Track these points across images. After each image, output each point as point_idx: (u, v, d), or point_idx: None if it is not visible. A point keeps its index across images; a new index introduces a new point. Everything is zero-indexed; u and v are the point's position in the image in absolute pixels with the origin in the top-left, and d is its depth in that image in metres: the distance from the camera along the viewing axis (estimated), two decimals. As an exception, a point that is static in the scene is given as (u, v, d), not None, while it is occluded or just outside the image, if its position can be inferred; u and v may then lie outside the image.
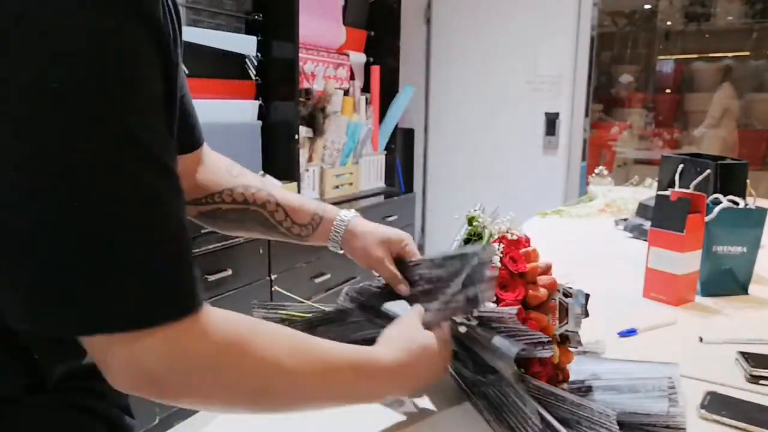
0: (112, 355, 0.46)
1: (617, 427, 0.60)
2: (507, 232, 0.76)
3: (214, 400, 0.51)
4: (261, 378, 0.52)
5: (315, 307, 0.83)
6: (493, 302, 0.71)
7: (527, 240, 0.78)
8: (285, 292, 0.87)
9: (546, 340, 0.65)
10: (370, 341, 0.68)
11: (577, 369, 0.77)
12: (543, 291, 0.72)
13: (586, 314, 0.77)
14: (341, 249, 0.86)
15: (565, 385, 0.74)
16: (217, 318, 0.51)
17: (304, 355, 0.55)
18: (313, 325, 0.79)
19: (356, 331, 0.80)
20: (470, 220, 0.79)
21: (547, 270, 0.76)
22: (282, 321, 0.80)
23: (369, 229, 0.85)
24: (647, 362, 0.82)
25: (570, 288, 0.75)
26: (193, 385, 0.49)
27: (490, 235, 0.75)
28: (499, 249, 0.73)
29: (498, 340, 0.67)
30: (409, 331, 0.68)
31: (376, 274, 0.84)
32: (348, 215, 0.86)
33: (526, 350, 0.65)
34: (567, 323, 0.72)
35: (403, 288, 0.82)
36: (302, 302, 0.83)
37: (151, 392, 0.48)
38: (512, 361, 0.65)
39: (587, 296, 0.77)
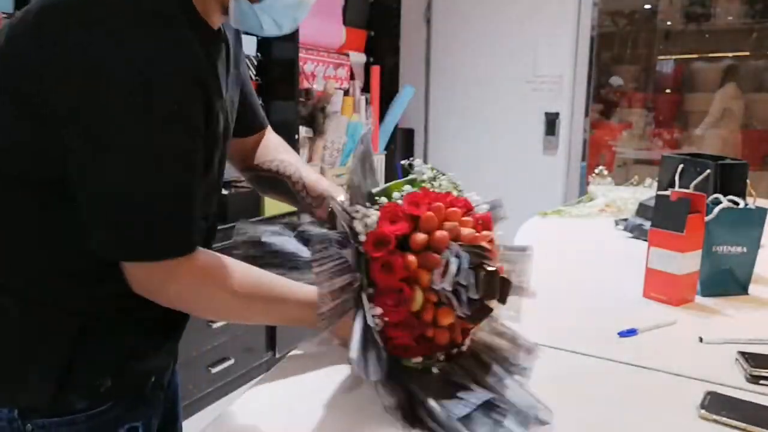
0: (135, 272, 0.73)
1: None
2: (453, 189, 0.77)
3: (192, 310, 0.81)
4: (219, 304, 0.80)
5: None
6: (373, 229, 0.74)
7: (482, 217, 0.78)
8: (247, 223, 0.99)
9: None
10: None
11: (481, 378, 0.75)
12: (421, 236, 0.73)
13: (502, 301, 0.75)
14: (333, 226, 0.97)
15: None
16: (202, 258, 0.76)
17: (257, 291, 0.80)
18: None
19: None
20: (406, 169, 0.83)
21: (470, 237, 0.74)
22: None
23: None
24: (530, 395, 0.74)
25: (472, 258, 0.72)
26: (179, 299, 0.77)
27: (418, 184, 0.79)
28: (409, 190, 0.77)
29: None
30: None
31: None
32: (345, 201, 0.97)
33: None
34: (443, 282, 0.70)
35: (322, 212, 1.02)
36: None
37: (152, 297, 0.75)
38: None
39: (505, 281, 0.74)
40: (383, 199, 0.78)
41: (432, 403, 0.68)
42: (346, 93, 3.19)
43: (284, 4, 0.83)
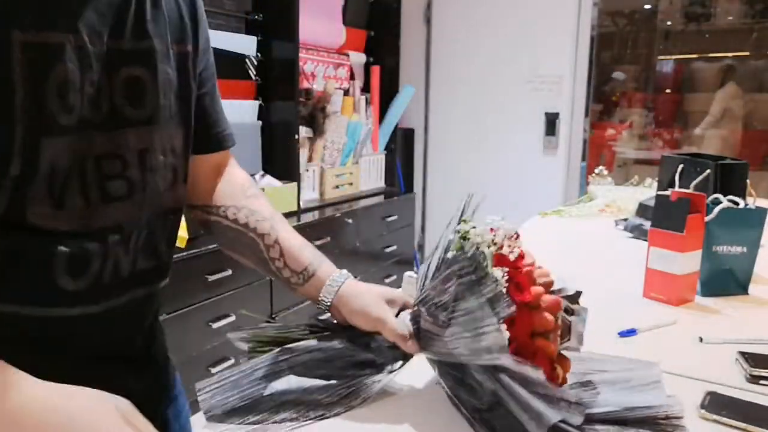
0: None
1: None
2: (503, 246, 0.67)
3: None
4: None
5: (286, 328, 0.79)
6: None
7: (516, 238, 0.71)
8: (249, 314, 0.83)
9: (575, 402, 0.61)
10: (352, 366, 0.71)
11: None
12: (549, 318, 0.66)
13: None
14: (329, 311, 0.78)
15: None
16: None
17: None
18: (292, 353, 0.75)
19: (338, 359, 0.75)
20: (463, 236, 0.69)
21: (548, 287, 0.70)
22: (257, 344, 0.78)
23: (366, 288, 0.78)
24: (623, 358, 0.81)
25: (571, 305, 0.71)
26: None
27: (486, 258, 0.66)
28: (502, 276, 0.65)
29: (531, 400, 0.61)
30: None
31: (379, 337, 0.76)
32: (342, 275, 0.79)
33: (564, 421, 0.60)
34: (569, 340, 0.69)
35: (412, 346, 0.73)
36: (270, 323, 0.81)
37: None
38: (546, 429, 0.59)
39: (578, 294, 0.76)
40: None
41: None
42: (346, 93, 3.19)
43: None
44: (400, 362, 0.75)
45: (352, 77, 3.29)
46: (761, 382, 0.82)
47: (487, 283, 0.64)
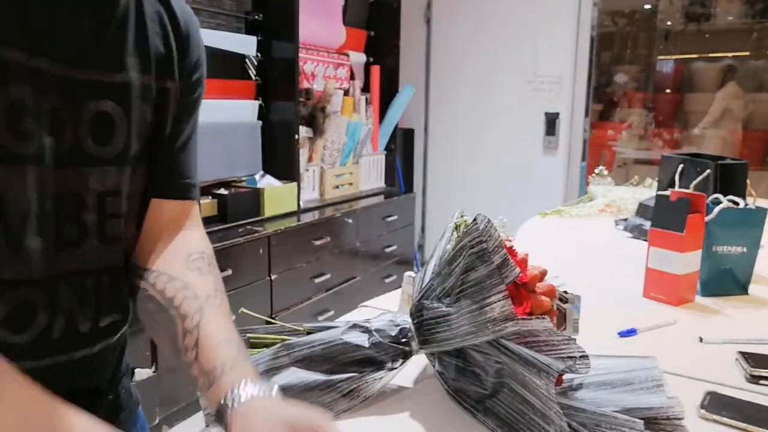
0: None
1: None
2: (506, 239, 0.72)
3: None
4: None
5: (286, 327, 0.79)
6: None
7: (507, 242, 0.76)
8: (249, 312, 0.81)
9: (582, 353, 0.63)
10: (352, 363, 0.71)
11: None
12: (546, 299, 0.70)
13: None
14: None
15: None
16: None
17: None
18: (292, 349, 0.74)
19: (339, 355, 0.74)
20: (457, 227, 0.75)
21: (542, 276, 0.74)
22: (252, 345, 0.76)
23: (270, 411, 0.54)
24: (624, 356, 0.82)
25: (566, 292, 0.74)
26: None
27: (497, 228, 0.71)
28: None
29: (537, 356, 0.63)
30: None
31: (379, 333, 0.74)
32: (243, 393, 0.55)
33: (570, 367, 0.62)
34: (565, 329, 0.71)
35: None
36: (272, 323, 0.79)
37: None
38: (554, 379, 0.61)
39: (578, 297, 0.78)
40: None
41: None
42: (346, 93, 3.19)
43: None
44: (401, 360, 0.75)
45: (352, 77, 3.29)
46: (761, 382, 0.83)
47: (498, 251, 0.66)
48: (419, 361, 0.78)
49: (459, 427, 0.70)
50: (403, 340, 0.73)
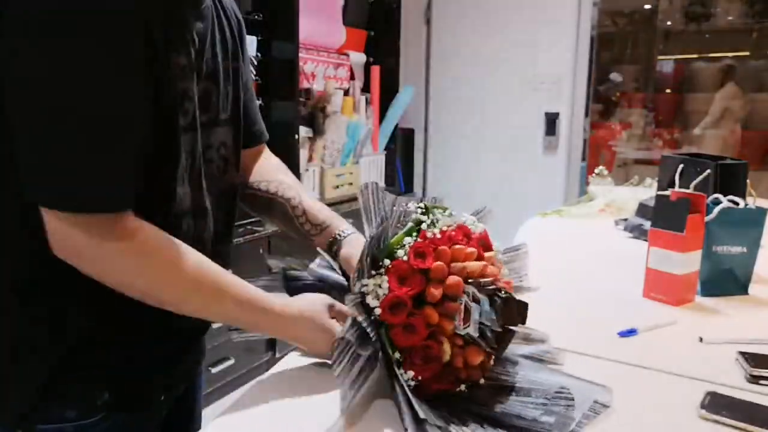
0: (53, 226, 0.65)
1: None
2: (446, 226, 0.77)
3: (112, 281, 0.68)
4: (163, 279, 0.70)
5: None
6: (384, 294, 0.73)
7: (478, 238, 0.79)
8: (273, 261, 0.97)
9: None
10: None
11: (519, 373, 0.79)
12: (437, 291, 0.72)
13: (521, 321, 0.77)
14: (334, 257, 0.94)
15: (482, 381, 0.76)
16: (142, 225, 0.69)
17: (199, 276, 0.73)
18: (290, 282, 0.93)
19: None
20: (426, 210, 0.80)
21: (480, 271, 0.75)
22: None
23: (358, 243, 0.91)
24: (581, 379, 0.80)
25: (485, 293, 0.74)
26: (101, 268, 0.68)
27: (413, 229, 0.77)
28: (411, 242, 0.75)
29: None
30: (313, 305, 0.81)
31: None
32: (346, 230, 0.96)
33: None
34: (468, 326, 0.71)
35: None
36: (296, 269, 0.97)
37: (71, 261, 0.67)
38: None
39: (521, 303, 0.76)
40: (387, 261, 0.75)
41: (499, 408, 0.72)
42: (346, 93, 3.19)
43: None
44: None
45: (352, 77, 3.29)
46: (761, 382, 0.83)
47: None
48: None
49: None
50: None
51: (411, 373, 0.72)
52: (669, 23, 5.70)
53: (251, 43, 2.63)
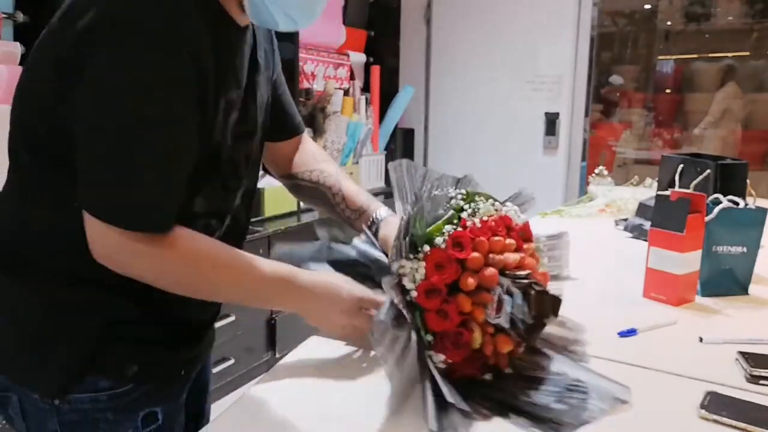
0: (95, 234, 0.74)
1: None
2: (486, 215, 0.79)
3: (148, 279, 0.78)
4: (192, 285, 0.80)
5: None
6: (422, 279, 0.75)
7: (522, 228, 0.82)
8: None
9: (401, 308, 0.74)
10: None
11: (547, 365, 0.82)
12: (470, 281, 0.75)
13: (554, 315, 0.79)
14: (375, 237, 1.01)
15: (508, 370, 0.79)
16: (182, 234, 0.77)
17: (234, 272, 0.81)
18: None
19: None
20: (469, 196, 0.83)
21: (518, 263, 0.77)
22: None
23: (394, 224, 0.96)
24: (605, 378, 0.80)
25: (519, 286, 0.76)
26: (133, 271, 0.77)
27: (455, 217, 0.80)
28: (450, 231, 0.77)
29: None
30: (340, 285, 0.86)
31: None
32: (382, 214, 1.02)
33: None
34: (500, 318, 0.74)
35: None
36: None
37: (109, 266, 0.76)
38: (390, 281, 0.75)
39: (555, 299, 0.78)
40: (426, 247, 0.77)
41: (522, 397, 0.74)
42: (346, 93, 3.19)
43: None
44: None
45: (352, 77, 3.29)
46: (761, 382, 0.83)
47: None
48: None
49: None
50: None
51: (442, 357, 0.74)
52: (669, 23, 5.69)
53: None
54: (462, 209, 0.81)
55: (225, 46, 0.81)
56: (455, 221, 0.80)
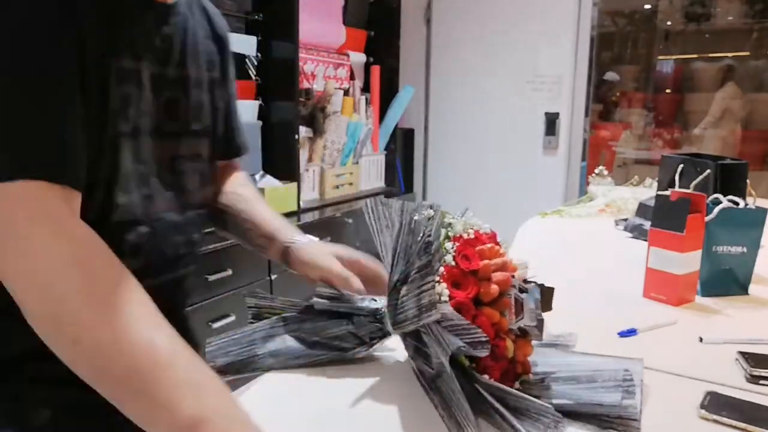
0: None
1: (559, 415, 0.65)
2: (464, 231, 0.77)
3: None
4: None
5: (292, 302, 0.89)
6: (446, 300, 0.73)
7: (490, 237, 0.80)
8: (260, 293, 0.91)
9: (484, 339, 0.66)
10: (335, 338, 0.81)
11: (544, 361, 0.80)
12: (494, 288, 0.73)
13: (548, 308, 0.79)
14: (293, 268, 0.91)
15: (531, 376, 0.76)
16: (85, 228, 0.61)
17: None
18: (287, 322, 0.85)
19: (324, 330, 0.84)
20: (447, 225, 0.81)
21: (502, 266, 0.76)
22: (260, 314, 0.88)
23: (317, 246, 0.91)
24: (611, 356, 0.83)
25: (528, 283, 0.77)
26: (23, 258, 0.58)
27: (446, 235, 0.78)
28: (452, 247, 0.75)
29: (448, 336, 0.68)
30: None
31: (325, 287, 0.87)
32: (299, 238, 0.92)
33: (465, 348, 0.66)
34: (522, 318, 0.73)
35: (356, 283, 0.85)
36: (277, 299, 0.90)
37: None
38: (448, 358, 0.66)
39: (549, 290, 0.79)
40: (440, 269, 0.75)
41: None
42: (346, 93, 3.19)
43: None
44: (379, 337, 0.82)
45: (352, 77, 3.29)
46: (761, 382, 0.83)
47: (435, 243, 0.75)
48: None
49: (417, 401, 0.73)
50: (380, 319, 0.82)
51: (486, 377, 0.71)
52: (669, 23, 5.69)
53: (250, 42, 2.64)
54: (450, 225, 0.79)
55: (116, 8, 0.69)
56: (447, 239, 0.78)
